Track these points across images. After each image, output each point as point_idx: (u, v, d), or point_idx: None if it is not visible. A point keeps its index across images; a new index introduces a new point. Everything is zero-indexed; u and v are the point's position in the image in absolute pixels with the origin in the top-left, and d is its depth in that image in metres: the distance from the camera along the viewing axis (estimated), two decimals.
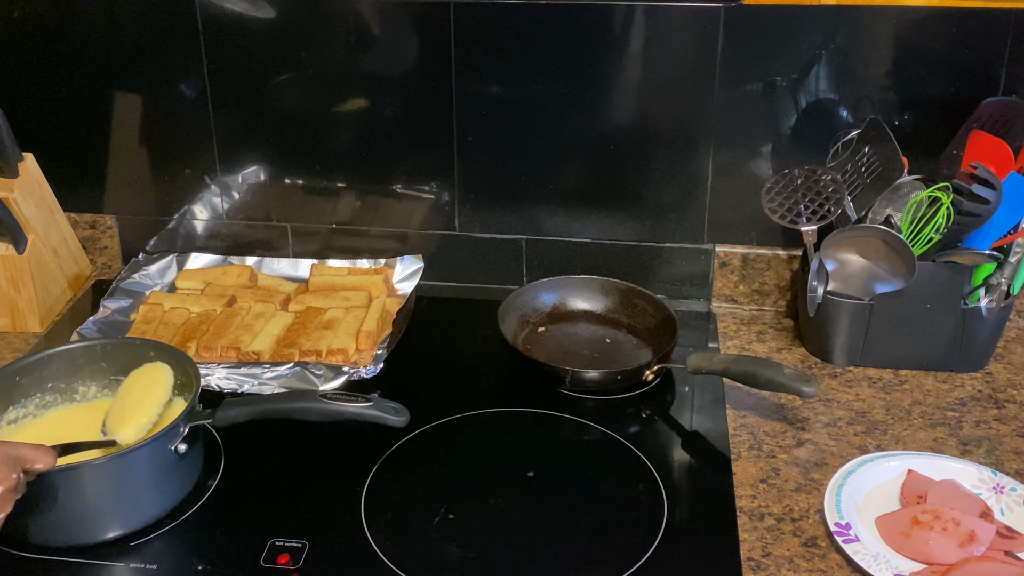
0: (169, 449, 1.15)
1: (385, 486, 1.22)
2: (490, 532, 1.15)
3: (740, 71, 1.47)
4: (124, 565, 1.11)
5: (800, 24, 1.43)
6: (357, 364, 1.42)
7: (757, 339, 1.53)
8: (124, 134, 1.64)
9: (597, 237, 1.60)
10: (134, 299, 1.57)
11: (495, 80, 1.52)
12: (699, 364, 1.35)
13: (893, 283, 1.37)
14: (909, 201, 1.37)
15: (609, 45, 1.48)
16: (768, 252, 1.57)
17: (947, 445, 1.29)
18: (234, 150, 1.63)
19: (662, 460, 1.27)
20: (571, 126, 1.53)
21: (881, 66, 1.45)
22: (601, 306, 1.55)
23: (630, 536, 1.14)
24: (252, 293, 1.57)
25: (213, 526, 1.17)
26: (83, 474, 1.09)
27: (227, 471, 1.24)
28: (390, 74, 1.54)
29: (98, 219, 1.70)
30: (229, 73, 1.57)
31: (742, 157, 1.52)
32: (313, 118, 1.59)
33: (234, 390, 1.37)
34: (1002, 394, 1.39)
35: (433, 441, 1.30)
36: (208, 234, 1.69)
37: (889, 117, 1.45)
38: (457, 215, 1.62)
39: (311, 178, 1.63)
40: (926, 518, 1.13)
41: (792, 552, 1.12)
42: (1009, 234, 1.35)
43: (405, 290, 1.59)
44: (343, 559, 1.11)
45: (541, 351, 1.47)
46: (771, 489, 1.22)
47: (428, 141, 1.58)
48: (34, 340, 1.53)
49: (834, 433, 1.31)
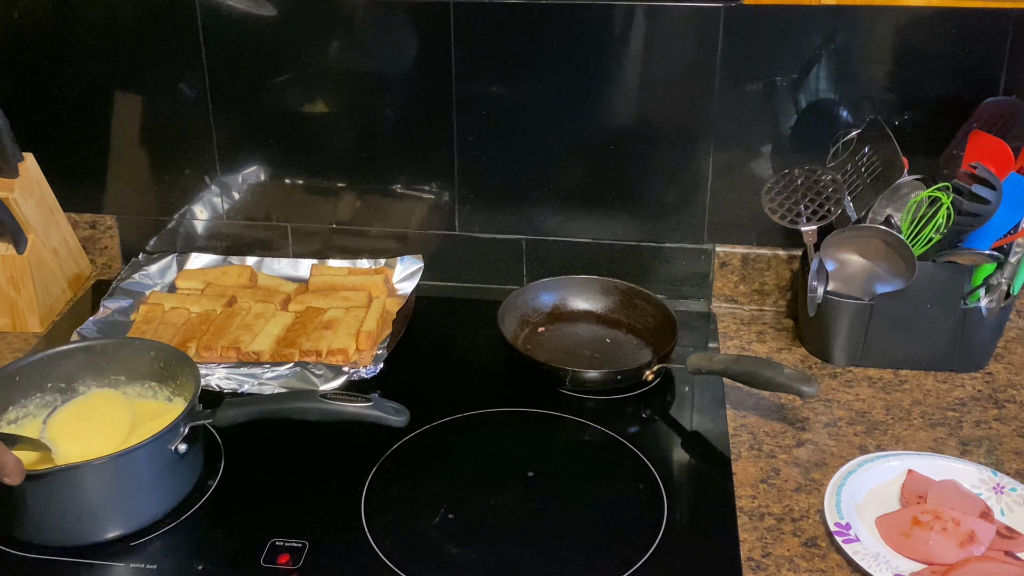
0: (169, 449, 1.14)
1: (385, 486, 1.22)
2: (490, 532, 1.15)
3: (740, 71, 1.47)
4: (124, 565, 1.11)
5: (800, 24, 1.43)
6: (357, 364, 1.42)
7: (757, 339, 1.53)
8: (124, 134, 1.64)
9: (597, 237, 1.60)
10: (134, 299, 1.57)
11: (495, 80, 1.52)
12: (699, 364, 1.35)
13: (893, 283, 1.37)
14: (909, 201, 1.37)
15: (609, 45, 1.48)
16: (768, 252, 1.57)
17: (947, 445, 1.29)
18: (234, 150, 1.63)
19: (662, 460, 1.27)
20: (571, 126, 1.53)
21: (881, 66, 1.45)
22: (601, 306, 1.55)
23: (630, 536, 1.14)
24: (252, 293, 1.57)
25: (213, 526, 1.17)
26: (83, 474, 1.09)
27: (227, 471, 1.24)
28: (390, 74, 1.54)
29: (98, 219, 1.70)
30: (229, 73, 1.57)
31: (742, 157, 1.52)
32: (313, 118, 1.59)
33: (234, 390, 1.37)
34: (1002, 394, 1.39)
35: (433, 441, 1.30)
36: (208, 234, 1.69)
37: (889, 117, 1.45)
38: (457, 215, 1.62)
39: (311, 178, 1.63)
40: (926, 518, 1.13)
41: (792, 552, 1.12)
42: (1009, 234, 1.35)
43: (405, 290, 1.59)
44: (343, 559, 1.11)
45: (541, 351, 1.47)
46: (771, 489, 1.22)
47: (428, 141, 1.58)
48: (34, 340, 1.53)
49: (834, 433, 1.31)
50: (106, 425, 1.21)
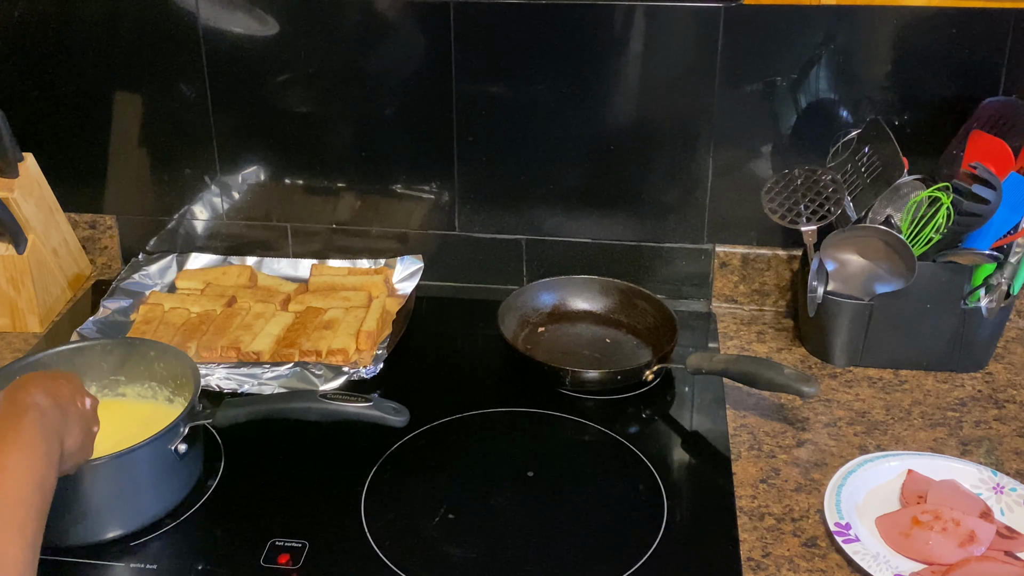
0: (169, 449, 1.14)
1: (385, 486, 1.22)
2: (490, 532, 1.15)
3: (740, 71, 1.47)
4: (124, 565, 1.11)
5: (800, 24, 1.43)
6: (357, 364, 1.42)
7: (757, 339, 1.53)
8: (124, 134, 1.64)
9: (597, 237, 1.60)
10: (134, 299, 1.57)
11: (495, 80, 1.52)
12: (699, 364, 1.35)
13: (893, 283, 1.37)
14: (909, 201, 1.37)
15: (609, 45, 1.48)
16: (768, 252, 1.57)
17: (947, 445, 1.29)
18: (234, 150, 1.63)
19: (662, 460, 1.27)
20: (571, 126, 1.53)
21: (881, 66, 1.45)
22: (601, 306, 1.55)
23: (630, 536, 1.14)
24: (252, 293, 1.57)
25: (213, 526, 1.17)
26: (83, 474, 1.09)
27: (227, 471, 1.24)
28: (390, 74, 1.54)
29: (98, 219, 1.70)
30: (229, 73, 1.57)
31: (742, 157, 1.52)
32: (313, 118, 1.59)
33: (234, 390, 1.37)
34: (1002, 394, 1.39)
35: (433, 441, 1.30)
36: (208, 234, 1.69)
37: (889, 117, 1.45)
38: (457, 215, 1.62)
39: (311, 178, 1.63)
40: (926, 518, 1.13)
41: (792, 552, 1.12)
42: (1009, 234, 1.35)
43: (405, 290, 1.59)
44: (343, 559, 1.11)
45: (541, 351, 1.47)
46: (771, 489, 1.22)
47: (428, 141, 1.58)
48: (34, 340, 1.53)
49: (834, 433, 1.31)
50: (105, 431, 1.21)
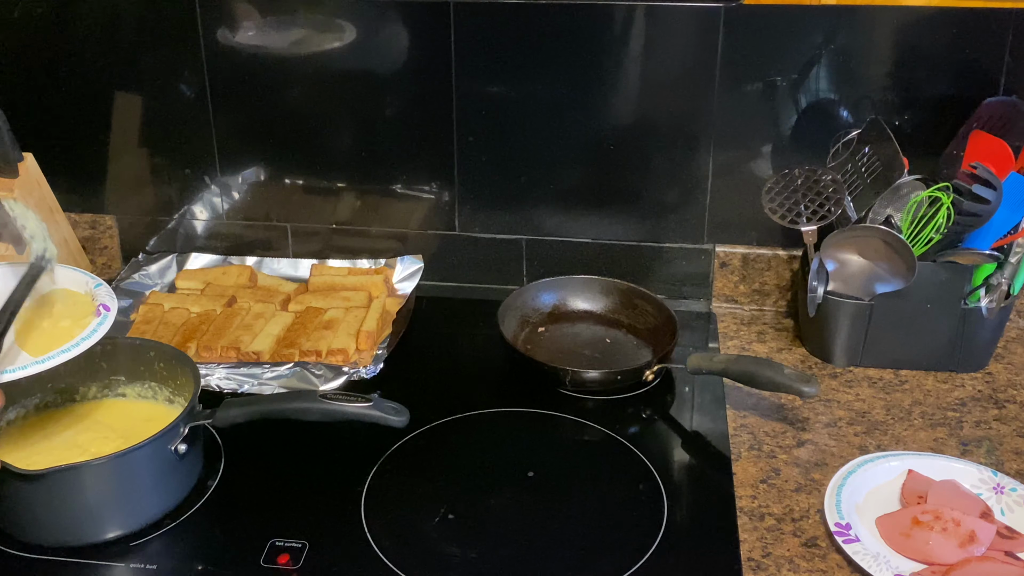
0: (169, 449, 1.14)
1: (385, 486, 1.22)
2: (490, 532, 1.15)
3: (740, 71, 1.47)
4: (124, 565, 1.11)
5: (800, 24, 1.43)
6: (357, 364, 1.42)
7: (757, 339, 1.53)
8: (124, 134, 1.64)
9: (597, 237, 1.60)
10: (134, 299, 1.57)
11: (495, 80, 1.52)
12: (699, 364, 1.35)
13: (893, 283, 1.37)
14: (909, 201, 1.37)
15: (609, 45, 1.48)
16: (768, 252, 1.57)
17: (947, 445, 1.29)
18: (234, 150, 1.63)
19: (662, 460, 1.27)
20: (571, 126, 1.53)
21: (881, 66, 1.45)
22: (601, 306, 1.55)
23: (630, 536, 1.14)
24: (252, 293, 1.57)
25: (213, 526, 1.17)
26: (83, 474, 1.09)
27: (227, 471, 1.24)
28: (390, 74, 1.54)
29: (98, 219, 1.70)
30: (229, 73, 1.57)
31: (742, 157, 1.52)
32: (313, 118, 1.59)
33: (234, 390, 1.37)
34: (1002, 394, 1.39)
35: (433, 441, 1.30)
36: (208, 234, 1.69)
37: (889, 117, 1.45)
38: (457, 215, 1.62)
39: (311, 178, 1.63)
40: (926, 518, 1.13)
41: (792, 552, 1.12)
42: (1009, 234, 1.35)
43: (405, 290, 1.59)
44: (343, 559, 1.11)
45: (541, 351, 1.47)
46: (771, 489, 1.22)
47: (428, 141, 1.58)
48: None
49: (834, 433, 1.31)
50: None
